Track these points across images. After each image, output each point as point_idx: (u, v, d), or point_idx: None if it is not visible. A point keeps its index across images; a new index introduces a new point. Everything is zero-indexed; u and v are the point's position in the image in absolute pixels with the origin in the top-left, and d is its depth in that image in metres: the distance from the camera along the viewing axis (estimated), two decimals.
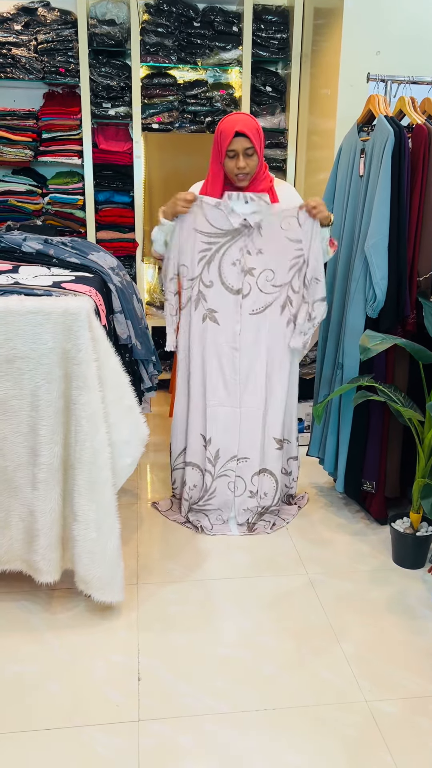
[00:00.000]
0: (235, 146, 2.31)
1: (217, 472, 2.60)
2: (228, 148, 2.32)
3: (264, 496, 2.65)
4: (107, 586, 2.05)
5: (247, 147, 2.30)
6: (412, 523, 2.43)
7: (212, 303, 2.49)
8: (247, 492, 2.62)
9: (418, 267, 2.46)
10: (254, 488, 2.62)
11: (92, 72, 3.63)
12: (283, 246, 2.42)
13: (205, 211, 2.41)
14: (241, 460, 2.60)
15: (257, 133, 2.32)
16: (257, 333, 2.49)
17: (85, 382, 1.92)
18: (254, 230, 2.40)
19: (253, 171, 2.36)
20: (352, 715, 1.77)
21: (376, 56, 3.17)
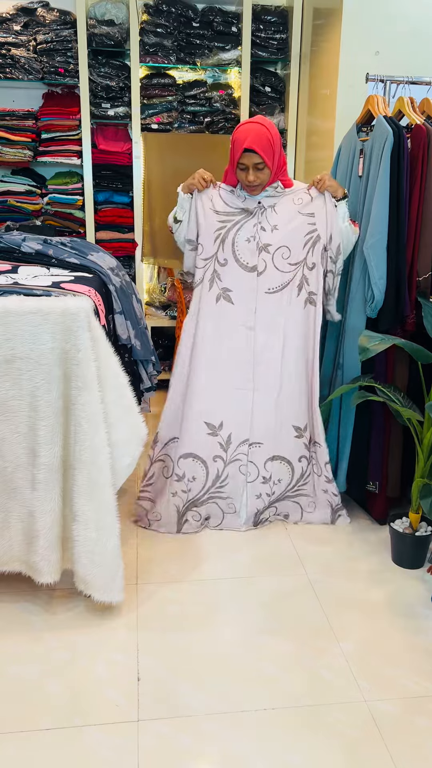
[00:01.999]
0: (244, 161, 2.32)
1: (229, 457, 2.56)
2: (238, 161, 2.34)
3: (277, 483, 2.63)
4: (107, 586, 2.05)
5: (256, 162, 2.31)
6: (411, 523, 2.43)
7: (227, 282, 2.47)
8: (260, 478, 2.58)
9: (417, 267, 2.46)
10: (267, 474, 2.59)
11: (91, 72, 3.63)
12: (297, 222, 2.44)
13: (221, 194, 2.47)
14: (254, 445, 2.56)
15: (269, 147, 2.30)
16: (274, 313, 2.47)
17: (85, 383, 1.92)
18: (268, 208, 2.42)
19: (264, 182, 2.38)
20: (352, 715, 1.77)
21: (375, 56, 3.17)
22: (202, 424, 2.55)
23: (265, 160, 2.30)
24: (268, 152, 2.31)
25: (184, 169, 3.75)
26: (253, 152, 2.28)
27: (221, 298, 2.48)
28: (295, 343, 2.51)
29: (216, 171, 2.54)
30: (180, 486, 2.58)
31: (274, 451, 2.59)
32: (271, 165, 2.33)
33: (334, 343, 2.76)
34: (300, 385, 2.56)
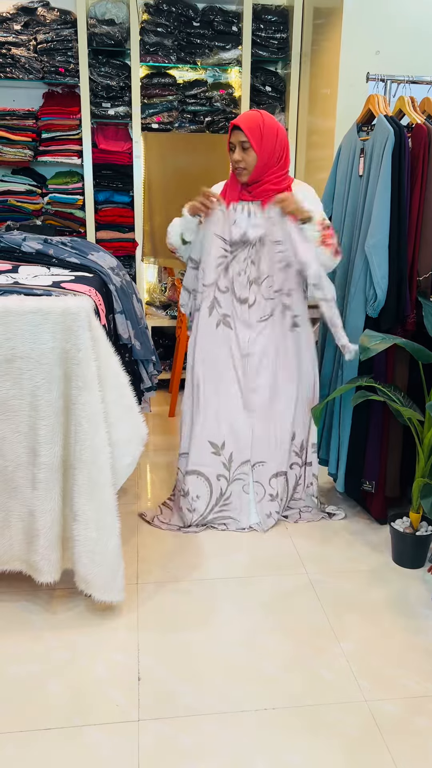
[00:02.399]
0: (232, 139, 2.33)
1: (232, 476, 2.59)
2: (229, 141, 2.36)
3: (283, 498, 2.67)
4: (107, 585, 2.05)
5: (242, 140, 2.30)
6: (411, 523, 2.43)
7: (226, 309, 2.50)
8: (267, 496, 2.61)
9: (418, 266, 2.46)
10: (273, 491, 2.61)
11: (92, 72, 3.63)
12: (273, 249, 2.42)
13: (224, 218, 2.43)
14: (257, 465, 2.59)
15: (257, 129, 2.30)
16: (266, 342, 2.51)
17: (85, 382, 1.92)
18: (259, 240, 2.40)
19: (250, 167, 2.35)
20: (352, 715, 1.77)
21: (376, 56, 3.17)
22: (206, 443, 2.58)
23: (249, 140, 2.29)
24: (255, 134, 2.30)
25: (185, 169, 3.77)
26: (239, 130, 2.29)
27: (221, 324, 2.52)
28: (287, 368, 2.54)
29: (216, 170, 2.55)
30: (185, 504, 2.62)
31: (278, 467, 2.61)
32: (257, 148, 2.31)
33: (334, 343, 2.75)
34: (291, 400, 2.56)
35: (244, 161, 2.34)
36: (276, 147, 2.36)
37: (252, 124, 2.31)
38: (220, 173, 3.90)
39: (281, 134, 2.37)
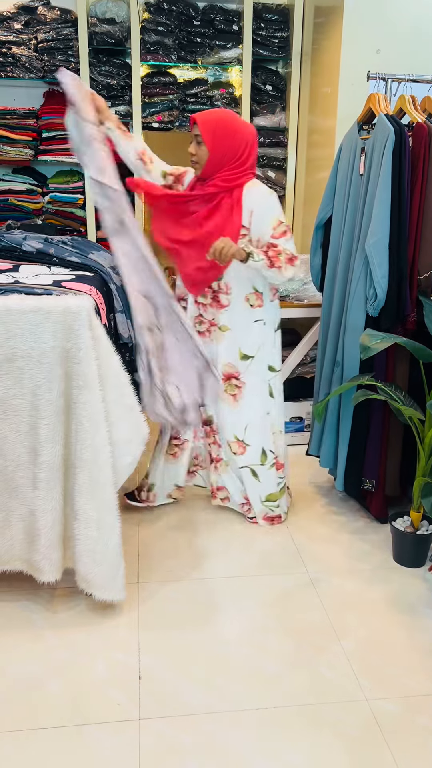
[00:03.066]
0: (192, 132, 2.35)
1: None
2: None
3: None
4: (108, 584, 2.05)
5: (196, 134, 2.32)
6: (412, 522, 2.43)
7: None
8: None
9: (418, 265, 2.46)
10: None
11: (92, 71, 3.62)
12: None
13: None
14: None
15: (212, 126, 2.29)
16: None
17: (86, 381, 1.92)
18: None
19: (201, 161, 2.33)
20: (353, 714, 1.77)
21: (377, 55, 3.17)
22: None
23: (202, 135, 2.29)
24: (209, 130, 2.29)
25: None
26: (196, 124, 2.31)
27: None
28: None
29: None
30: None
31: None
32: (209, 144, 2.29)
33: (334, 342, 2.75)
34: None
35: (196, 155, 2.34)
36: (232, 146, 2.32)
37: (207, 120, 2.31)
38: None
39: (242, 135, 2.32)
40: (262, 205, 2.35)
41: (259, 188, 2.38)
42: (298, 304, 3.25)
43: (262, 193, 2.37)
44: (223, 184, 2.35)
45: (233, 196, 2.35)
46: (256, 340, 2.51)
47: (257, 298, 2.46)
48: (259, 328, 2.50)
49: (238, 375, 2.53)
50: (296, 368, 3.41)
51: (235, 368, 2.52)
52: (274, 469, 2.63)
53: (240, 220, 2.35)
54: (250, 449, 2.59)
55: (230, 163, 2.34)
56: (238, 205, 2.34)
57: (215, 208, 2.36)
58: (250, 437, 2.58)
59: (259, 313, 2.48)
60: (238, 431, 2.58)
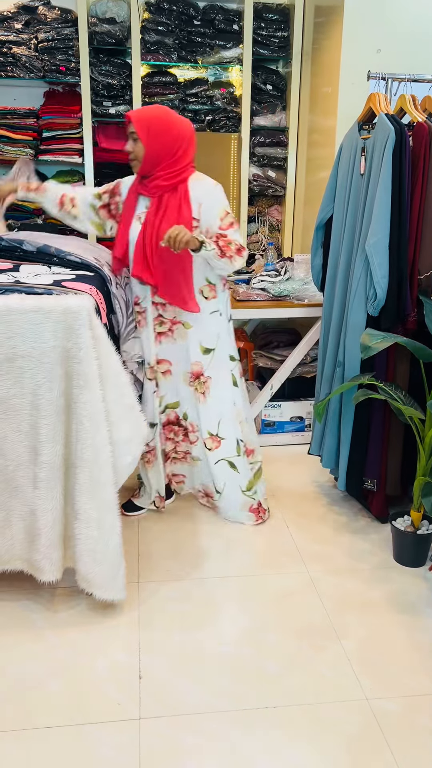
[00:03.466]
0: (128, 130, 2.34)
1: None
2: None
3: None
4: (108, 584, 2.05)
5: (131, 131, 2.31)
6: (412, 522, 2.43)
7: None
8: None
9: (418, 265, 2.46)
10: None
11: (93, 70, 3.62)
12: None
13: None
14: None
15: (146, 122, 2.28)
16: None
17: (86, 381, 1.92)
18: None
19: (139, 158, 2.32)
20: (353, 713, 1.77)
21: (377, 54, 3.16)
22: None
23: (137, 131, 2.28)
24: (143, 126, 2.28)
25: None
26: (130, 122, 2.30)
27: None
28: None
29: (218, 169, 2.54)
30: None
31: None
32: (144, 140, 2.28)
33: (335, 342, 2.75)
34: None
35: (133, 152, 2.34)
36: (167, 141, 2.31)
37: (141, 116, 2.31)
38: (222, 172, 3.90)
39: (177, 130, 2.32)
40: (209, 196, 2.36)
41: (205, 180, 2.39)
42: (299, 304, 3.25)
43: (208, 185, 2.38)
44: (165, 183, 2.34)
45: (179, 191, 2.34)
46: (214, 331, 2.51)
47: (211, 289, 2.47)
48: (216, 319, 2.51)
49: (202, 371, 2.53)
50: (297, 368, 3.42)
51: (199, 364, 2.52)
52: (245, 456, 2.65)
53: (190, 213, 2.33)
54: (225, 442, 2.59)
55: (168, 158, 2.32)
56: (186, 198, 2.34)
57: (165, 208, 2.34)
58: (224, 430, 2.59)
59: (214, 304, 2.49)
60: (212, 426, 2.58)
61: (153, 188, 2.36)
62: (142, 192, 2.39)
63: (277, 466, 3.21)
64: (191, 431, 2.61)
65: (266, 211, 4.11)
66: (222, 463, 2.61)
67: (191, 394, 2.54)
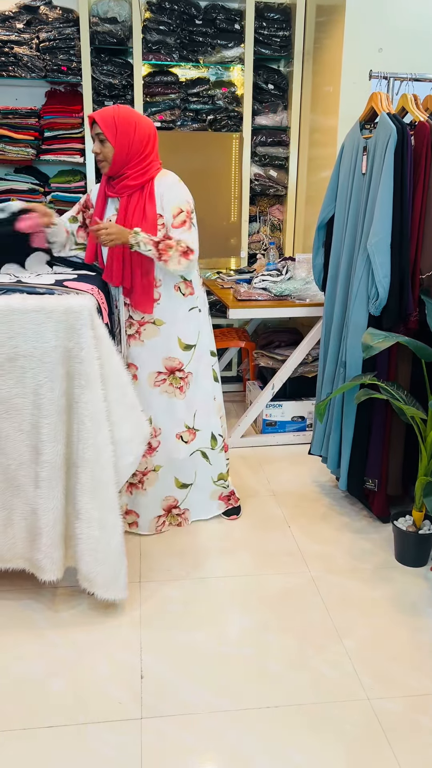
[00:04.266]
0: (92, 133, 2.32)
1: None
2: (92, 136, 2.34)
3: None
4: (110, 583, 2.06)
5: (98, 132, 2.29)
6: (414, 521, 2.43)
7: None
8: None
9: (420, 265, 2.46)
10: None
11: (94, 70, 3.63)
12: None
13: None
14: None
15: (111, 122, 2.27)
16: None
17: (88, 381, 1.92)
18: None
19: (108, 158, 2.30)
20: (355, 713, 1.77)
21: (379, 53, 3.16)
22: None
23: (104, 132, 2.26)
24: (110, 125, 2.27)
25: (187, 167, 3.76)
26: (95, 123, 2.28)
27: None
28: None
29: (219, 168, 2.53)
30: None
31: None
32: (112, 140, 2.27)
33: (337, 341, 2.75)
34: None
35: (102, 153, 2.31)
36: (135, 140, 2.30)
37: (106, 116, 2.28)
38: (223, 171, 3.90)
39: (142, 128, 2.32)
40: (169, 191, 2.35)
41: (169, 177, 2.38)
42: (300, 304, 3.25)
43: (170, 181, 2.37)
44: (134, 182, 2.33)
45: (144, 190, 2.34)
46: (194, 328, 2.50)
47: (187, 286, 2.46)
48: (195, 315, 2.50)
49: (181, 366, 2.51)
50: (298, 367, 3.42)
51: (176, 360, 2.50)
52: (223, 452, 2.66)
53: (155, 211, 2.33)
54: (200, 434, 2.59)
55: (136, 156, 2.32)
56: (151, 197, 2.34)
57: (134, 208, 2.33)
58: (199, 422, 2.58)
59: (192, 301, 2.49)
60: (188, 419, 2.57)
61: (121, 188, 2.34)
62: (110, 194, 2.38)
63: (279, 465, 3.21)
64: (152, 437, 2.54)
65: (267, 211, 4.11)
66: (195, 453, 2.61)
67: (157, 396, 2.50)
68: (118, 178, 2.34)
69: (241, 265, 3.99)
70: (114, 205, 2.38)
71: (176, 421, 2.54)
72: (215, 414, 2.62)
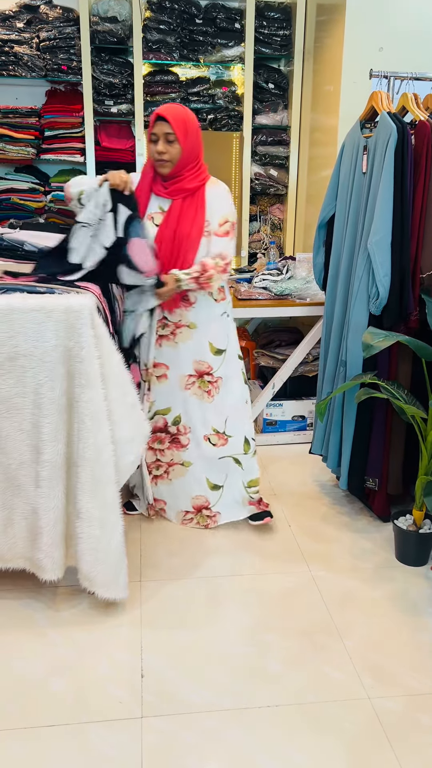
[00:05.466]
0: (155, 130, 2.28)
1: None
2: (151, 132, 2.30)
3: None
4: (111, 583, 2.06)
5: (167, 132, 2.25)
6: (414, 521, 2.43)
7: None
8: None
9: (421, 264, 2.46)
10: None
11: (94, 69, 3.62)
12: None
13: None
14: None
15: (182, 122, 2.26)
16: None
17: (88, 380, 1.92)
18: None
19: (174, 159, 2.28)
20: (355, 712, 1.77)
21: (379, 52, 3.16)
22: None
23: (175, 132, 2.24)
24: (181, 127, 2.25)
25: None
26: (164, 121, 2.24)
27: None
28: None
29: (219, 168, 2.53)
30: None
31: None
32: (182, 142, 2.26)
33: (337, 341, 2.75)
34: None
35: (168, 153, 2.28)
36: (196, 144, 2.32)
37: (178, 116, 2.27)
38: (223, 170, 3.90)
39: (197, 128, 2.34)
40: (219, 200, 2.37)
41: (220, 186, 2.40)
42: (301, 303, 3.25)
43: (221, 191, 2.39)
44: (190, 185, 2.33)
45: (197, 195, 2.34)
46: (224, 332, 2.51)
47: (219, 292, 2.48)
48: (225, 321, 2.51)
49: (210, 370, 2.51)
50: (299, 367, 3.41)
51: (206, 364, 2.50)
52: (256, 457, 2.64)
53: (203, 218, 2.34)
54: (232, 440, 2.58)
55: (194, 160, 2.33)
56: (202, 203, 2.34)
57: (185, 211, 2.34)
58: (231, 428, 2.57)
59: (224, 306, 2.50)
60: (218, 424, 2.55)
61: (175, 191, 2.34)
62: (160, 193, 2.37)
63: (279, 465, 3.20)
64: (182, 434, 2.56)
65: (268, 210, 4.11)
66: (227, 459, 2.60)
67: (188, 397, 2.52)
68: (173, 180, 2.33)
69: (242, 265, 3.99)
70: (158, 203, 2.37)
71: (205, 424, 2.55)
72: (248, 418, 2.60)
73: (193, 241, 2.33)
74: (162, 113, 2.24)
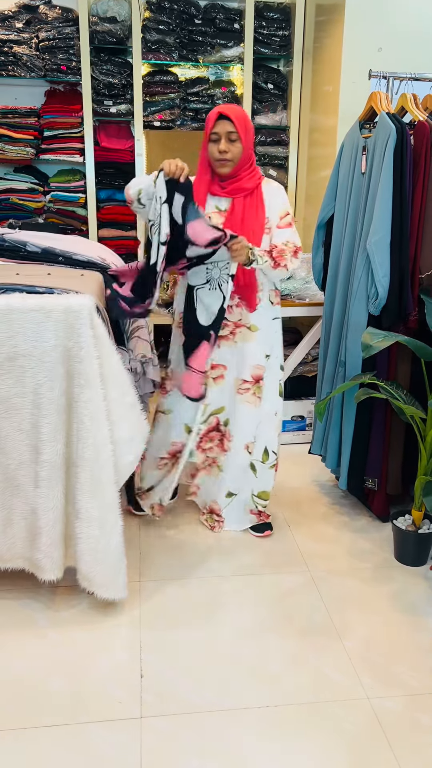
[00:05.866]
0: (217, 129, 2.26)
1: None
2: (211, 131, 2.27)
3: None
4: (110, 583, 2.06)
5: (229, 131, 2.24)
6: (414, 521, 2.43)
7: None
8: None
9: (420, 264, 2.46)
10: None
11: (94, 69, 3.62)
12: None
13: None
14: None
15: (243, 121, 2.27)
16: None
17: (87, 380, 1.92)
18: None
19: (236, 158, 2.28)
20: (355, 712, 1.77)
21: (378, 53, 3.16)
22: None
23: (238, 131, 2.24)
24: (243, 125, 2.26)
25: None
26: (227, 119, 2.23)
27: None
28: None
29: None
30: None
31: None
32: (244, 141, 2.26)
33: (337, 341, 2.75)
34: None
35: (230, 152, 2.27)
36: (252, 143, 2.35)
37: (240, 115, 2.27)
38: None
39: (253, 128, 2.36)
40: (275, 197, 2.38)
41: (273, 183, 2.42)
42: (300, 303, 3.25)
43: (276, 187, 2.40)
44: (248, 185, 2.34)
45: (255, 194, 2.35)
46: (273, 337, 2.48)
47: (276, 295, 2.46)
48: (277, 325, 2.49)
49: (262, 376, 2.48)
50: (298, 367, 3.42)
51: (262, 368, 2.47)
52: (273, 471, 2.60)
53: (264, 214, 2.35)
54: (254, 445, 2.56)
55: (251, 159, 2.35)
56: (261, 201, 2.35)
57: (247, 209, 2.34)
58: (258, 434, 2.55)
59: (278, 311, 2.48)
60: (254, 429, 2.53)
61: (234, 190, 2.34)
62: (217, 193, 2.36)
63: (279, 465, 3.20)
64: (228, 439, 2.54)
65: None
66: (247, 465, 2.59)
67: (239, 403, 2.48)
68: (230, 179, 2.33)
69: None
70: (214, 203, 2.37)
71: (250, 433, 2.52)
72: (274, 429, 2.56)
73: (256, 238, 2.32)
74: (224, 111, 2.24)
